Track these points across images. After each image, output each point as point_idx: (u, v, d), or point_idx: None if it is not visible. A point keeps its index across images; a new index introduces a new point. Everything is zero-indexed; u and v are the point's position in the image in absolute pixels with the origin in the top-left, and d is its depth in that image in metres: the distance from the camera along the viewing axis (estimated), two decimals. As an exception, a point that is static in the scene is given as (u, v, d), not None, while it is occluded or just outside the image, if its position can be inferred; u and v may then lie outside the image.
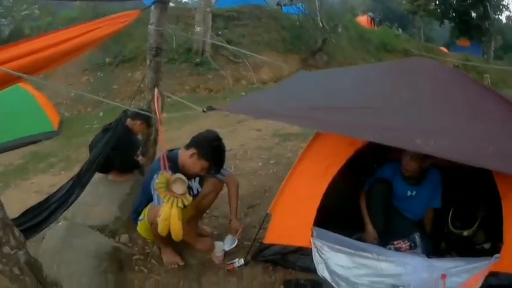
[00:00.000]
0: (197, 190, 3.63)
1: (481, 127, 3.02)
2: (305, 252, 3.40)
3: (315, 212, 3.37)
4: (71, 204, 3.65)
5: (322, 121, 3.01)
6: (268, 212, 3.52)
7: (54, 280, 2.43)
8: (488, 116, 3.17)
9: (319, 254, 3.33)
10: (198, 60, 13.71)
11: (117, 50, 14.41)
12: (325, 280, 3.24)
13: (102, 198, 4.28)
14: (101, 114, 11.02)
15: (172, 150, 3.49)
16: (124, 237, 3.90)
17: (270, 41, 15.66)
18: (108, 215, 4.09)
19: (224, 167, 3.58)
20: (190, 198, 3.02)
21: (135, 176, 4.52)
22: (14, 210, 3.27)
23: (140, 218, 3.52)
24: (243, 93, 11.84)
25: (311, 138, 3.68)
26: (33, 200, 4.05)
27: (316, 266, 3.31)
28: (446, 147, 2.70)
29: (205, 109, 2.83)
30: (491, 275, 2.96)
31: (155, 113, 3.38)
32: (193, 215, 3.71)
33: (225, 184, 3.72)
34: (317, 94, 3.66)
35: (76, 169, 4.37)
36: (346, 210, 3.91)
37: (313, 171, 3.48)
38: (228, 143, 3.61)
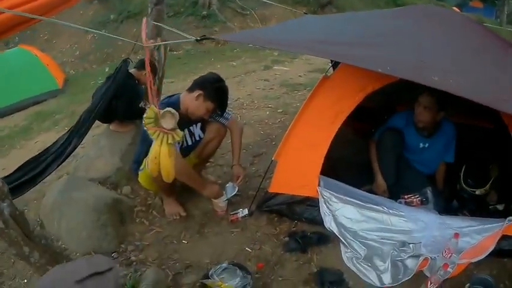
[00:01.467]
0: (199, 136, 3.48)
1: (499, 74, 2.83)
2: (312, 203, 3.24)
3: (322, 159, 3.19)
4: (68, 155, 3.51)
5: (328, 51, 2.80)
6: (273, 159, 3.33)
7: (41, 233, 2.30)
8: (505, 64, 2.99)
9: (326, 205, 3.17)
10: (204, 13, 13.60)
11: (122, 7, 14.26)
12: (332, 233, 3.09)
13: (103, 150, 4.16)
14: (106, 69, 10.86)
15: (172, 95, 3.34)
16: (126, 189, 3.79)
17: (278, -7, 15.27)
18: (110, 167, 3.96)
19: (227, 110, 3.43)
20: (181, 133, 2.81)
21: (137, 126, 4.36)
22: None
23: (141, 167, 3.38)
24: (251, 44, 11.59)
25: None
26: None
27: (323, 218, 3.14)
28: (464, 86, 2.49)
29: (198, 38, 2.65)
30: (504, 238, 2.83)
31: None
32: (196, 163, 3.58)
33: (228, 131, 3.56)
34: (324, 30, 3.43)
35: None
36: (356, 165, 3.76)
37: (320, 118, 3.27)
38: (234, 93, 3.46)
